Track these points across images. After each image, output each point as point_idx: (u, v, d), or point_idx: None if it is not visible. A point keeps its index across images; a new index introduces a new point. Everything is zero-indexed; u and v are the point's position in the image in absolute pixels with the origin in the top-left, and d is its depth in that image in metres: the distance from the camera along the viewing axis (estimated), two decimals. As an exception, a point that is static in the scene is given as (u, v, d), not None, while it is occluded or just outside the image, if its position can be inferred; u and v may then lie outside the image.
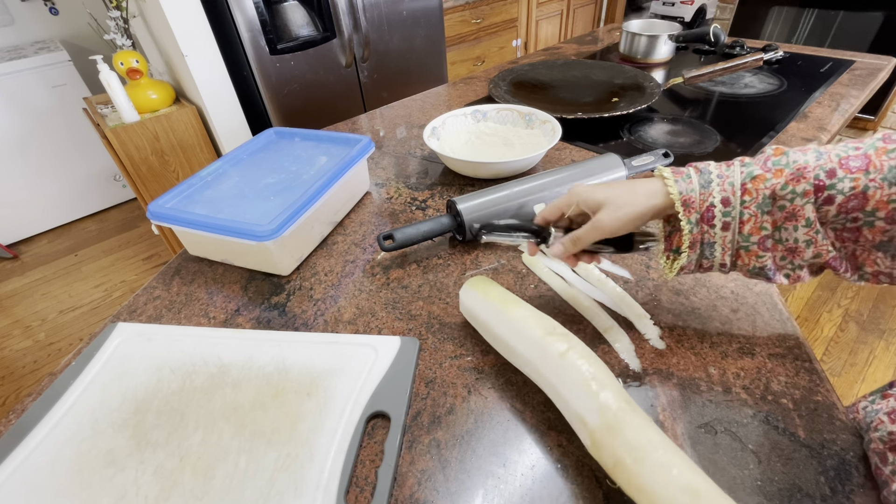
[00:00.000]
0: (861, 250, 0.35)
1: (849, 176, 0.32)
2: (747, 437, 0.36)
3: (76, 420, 0.40)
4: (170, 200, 0.58)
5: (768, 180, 0.35)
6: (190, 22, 1.30)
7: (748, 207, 0.36)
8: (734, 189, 0.36)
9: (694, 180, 0.37)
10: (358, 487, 0.35)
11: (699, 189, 0.37)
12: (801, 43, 1.93)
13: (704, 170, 0.37)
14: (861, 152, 0.33)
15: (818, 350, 1.38)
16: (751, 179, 0.35)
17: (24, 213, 2.08)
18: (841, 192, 0.33)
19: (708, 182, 0.36)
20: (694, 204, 0.37)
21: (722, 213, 0.36)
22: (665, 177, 0.38)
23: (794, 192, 0.34)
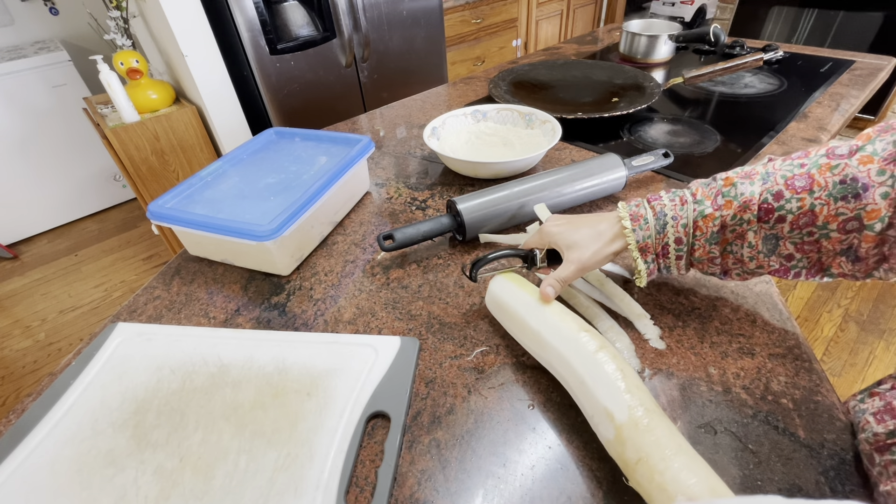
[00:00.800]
0: (826, 257, 0.36)
1: (795, 196, 0.35)
2: (747, 437, 0.36)
3: (76, 420, 0.40)
4: (170, 200, 0.58)
5: (717, 218, 0.39)
6: (190, 22, 1.30)
7: (698, 240, 0.40)
8: (686, 229, 0.40)
9: (651, 225, 0.41)
10: (358, 487, 0.35)
11: (655, 234, 0.41)
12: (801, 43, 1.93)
13: (660, 213, 0.41)
14: (805, 170, 0.35)
15: (818, 350, 1.38)
16: (702, 218, 0.39)
17: (24, 213, 2.08)
18: (790, 211, 0.35)
19: (663, 226, 0.41)
20: (650, 249, 0.41)
21: (675, 249, 0.41)
22: (624, 226, 0.42)
23: (741, 220, 0.38)
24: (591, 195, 0.63)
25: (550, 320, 0.41)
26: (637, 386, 0.34)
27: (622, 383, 0.34)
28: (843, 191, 0.33)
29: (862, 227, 0.33)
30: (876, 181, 0.32)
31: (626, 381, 0.34)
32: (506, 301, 0.45)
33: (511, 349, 0.45)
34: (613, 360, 0.36)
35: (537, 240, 0.48)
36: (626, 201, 0.44)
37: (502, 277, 0.47)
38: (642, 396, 0.33)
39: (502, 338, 0.46)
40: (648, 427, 0.31)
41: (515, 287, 0.45)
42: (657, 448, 0.30)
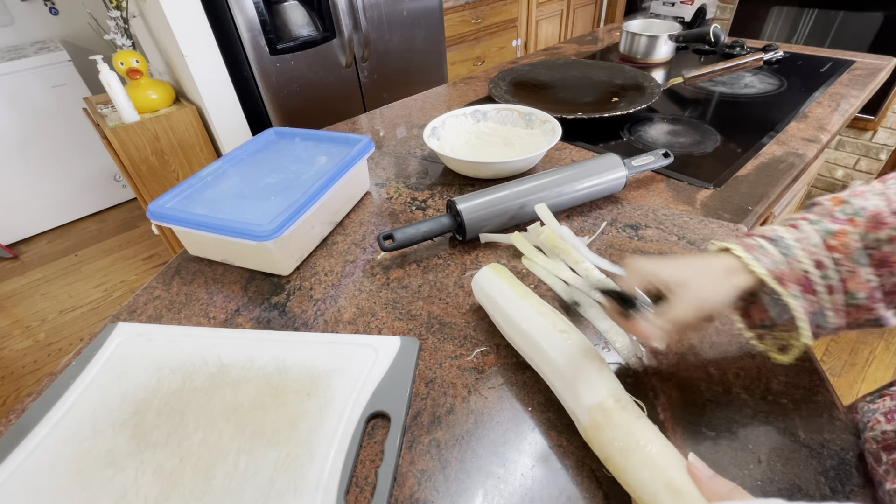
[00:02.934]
0: None
1: None
2: (747, 437, 0.36)
3: (76, 420, 0.40)
4: (170, 200, 0.58)
5: (851, 233, 0.31)
6: (190, 22, 1.30)
7: (843, 264, 0.31)
8: (820, 249, 0.32)
9: (769, 250, 0.33)
10: (358, 487, 0.35)
11: (784, 260, 0.32)
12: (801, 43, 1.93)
13: (776, 237, 0.33)
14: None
15: (818, 350, 1.38)
16: (831, 236, 0.32)
17: (24, 213, 2.08)
18: None
19: (787, 248, 0.32)
20: (788, 276, 0.32)
21: (820, 276, 0.32)
22: (738, 255, 0.33)
23: (878, 240, 0.31)
24: (591, 195, 0.63)
25: (524, 313, 0.41)
26: (598, 383, 0.34)
27: (585, 383, 0.35)
28: None
29: None
30: None
31: (587, 382, 0.35)
32: (491, 295, 0.45)
33: (511, 349, 0.45)
34: (576, 358, 0.36)
35: (635, 279, 0.37)
36: (618, 216, 0.38)
37: (487, 269, 0.47)
38: (606, 393, 0.34)
39: (502, 338, 0.46)
40: (605, 427, 0.32)
41: (498, 278, 0.46)
42: (617, 449, 0.31)
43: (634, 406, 0.33)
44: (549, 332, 0.39)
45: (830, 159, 1.99)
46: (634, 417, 0.32)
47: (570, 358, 0.37)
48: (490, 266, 0.48)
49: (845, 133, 1.92)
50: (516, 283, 0.45)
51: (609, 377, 0.35)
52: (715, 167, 0.72)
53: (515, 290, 0.44)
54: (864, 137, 1.89)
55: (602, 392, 0.34)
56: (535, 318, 0.41)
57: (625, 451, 0.30)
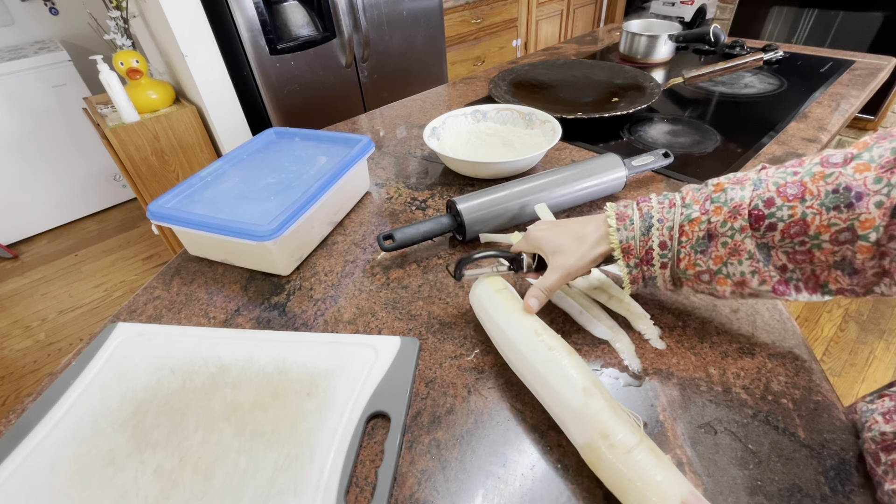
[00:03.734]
0: (820, 270, 0.35)
1: (786, 204, 0.34)
2: (747, 437, 0.36)
3: (76, 420, 0.40)
4: (170, 200, 0.58)
5: (703, 222, 0.37)
6: (190, 22, 1.30)
7: (684, 247, 0.38)
8: (672, 233, 0.39)
9: (636, 226, 0.40)
10: (358, 487, 0.35)
11: (639, 236, 0.40)
12: (801, 43, 1.93)
13: (647, 214, 0.40)
14: (798, 178, 0.34)
15: (818, 350, 1.38)
16: (688, 222, 0.38)
17: (24, 213, 2.08)
18: (781, 219, 0.34)
19: (648, 228, 0.39)
20: (633, 251, 0.40)
21: (659, 255, 0.40)
22: (609, 225, 0.41)
23: (732, 229, 0.36)
24: (591, 195, 0.63)
25: (518, 337, 0.40)
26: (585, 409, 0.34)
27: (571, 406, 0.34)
28: (836, 200, 0.32)
29: (856, 238, 0.31)
30: (871, 189, 0.30)
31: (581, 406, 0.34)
32: (485, 308, 0.44)
33: (511, 349, 0.45)
34: (565, 374, 0.35)
35: (524, 244, 0.46)
36: (617, 202, 0.43)
37: (487, 280, 0.46)
38: (596, 425, 0.33)
39: (502, 338, 0.46)
40: (599, 465, 0.32)
41: (495, 293, 0.44)
42: (615, 487, 0.31)
43: (628, 435, 0.31)
44: (534, 361, 0.38)
45: (830, 159, 1.99)
46: (624, 453, 0.31)
47: (555, 393, 0.35)
48: (488, 279, 0.46)
49: (845, 133, 1.92)
50: (506, 300, 0.43)
51: (598, 406, 0.33)
52: (715, 167, 0.72)
53: (503, 310, 0.42)
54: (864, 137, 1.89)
55: (590, 431, 0.32)
56: (521, 345, 0.39)
57: (620, 488, 0.31)
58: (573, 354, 0.37)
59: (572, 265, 0.41)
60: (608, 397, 0.34)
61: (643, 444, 0.31)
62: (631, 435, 0.31)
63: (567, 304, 0.48)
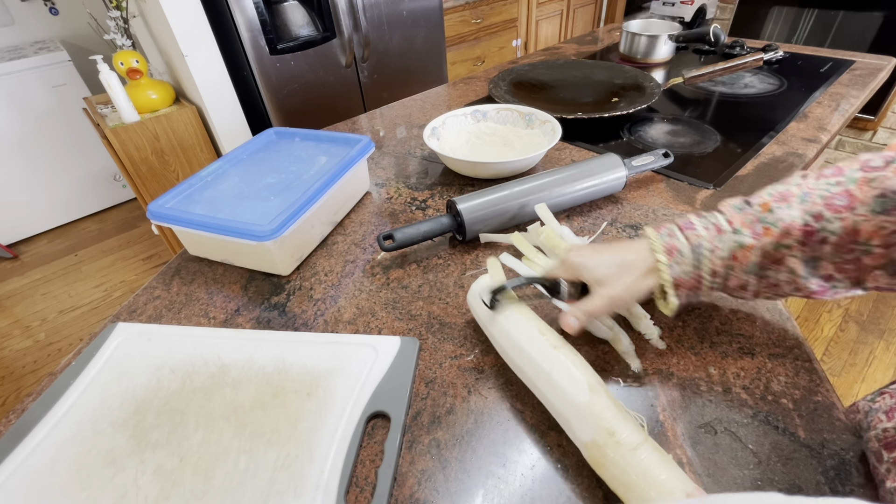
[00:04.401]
0: (864, 273, 0.34)
1: (837, 216, 0.33)
2: (747, 437, 0.36)
3: (76, 420, 0.40)
4: (170, 200, 0.58)
5: (756, 248, 0.36)
6: (190, 22, 1.30)
7: (735, 272, 0.38)
8: (724, 262, 0.38)
9: (686, 258, 0.38)
10: (358, 487, 0.35)
11: (692, 271, 0.39)
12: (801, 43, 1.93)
13: (696, 245, 0.38)
14: (842, 189, 0.34)
15: (818, 350, 1.38)
16: (740, 248, 0.37)
17: (24, 213, 2.08)
18: (833, 232, 0.33)
19: (699, 260, 0.38)
20: (685, 284, 0.39)
21: (709, 282, 0.39)
22: (659, 260, 0.39)
23: (781, 246, 0.35)
24: (591, 195, 0.63)
25: (520, 343, 0.39)
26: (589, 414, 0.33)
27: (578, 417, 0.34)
28: (884, 204, 0.31)
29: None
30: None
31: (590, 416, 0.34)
32: (487, 310, 0.43)
33: (511, 349, 0.45)
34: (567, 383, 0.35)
35: (562, 271, 0.43)
36: (657, 228, 0.41)
37: (484, 280, 0.45)
38: (601, 422, 0.33)
39: (502, 338, 0.46)
40: (604, 463, 0.32)
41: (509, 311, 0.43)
42: (620, 486, 0.31)
43: (632, 433, 0.32)
44: (538, 359, 0.37)
45: (830, 159, 1.99)
46: (629, 451, 0.31)
47: (560, 390, 0.35)
48: (480, 285, 0.45)
49: (845, 133, 1.92)
50: (508, 299, 0.43)
51: (602, 404, 0.33)
52: (715, 167, 0.72)
53: (506, 309, 0.42)
54: (864, 137, 1.89)
55: (595, 428, 0.32)
56: (524, 344, 0.39)
57: (623, 486, 0.31)
58: (577, 354, 0.38)
59: (619, 296, 0.39)
60: (612, 397, 0.35)
61: (648, 442, 0.31)
62: (636, 433, 0.32)
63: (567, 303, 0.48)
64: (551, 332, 0.40)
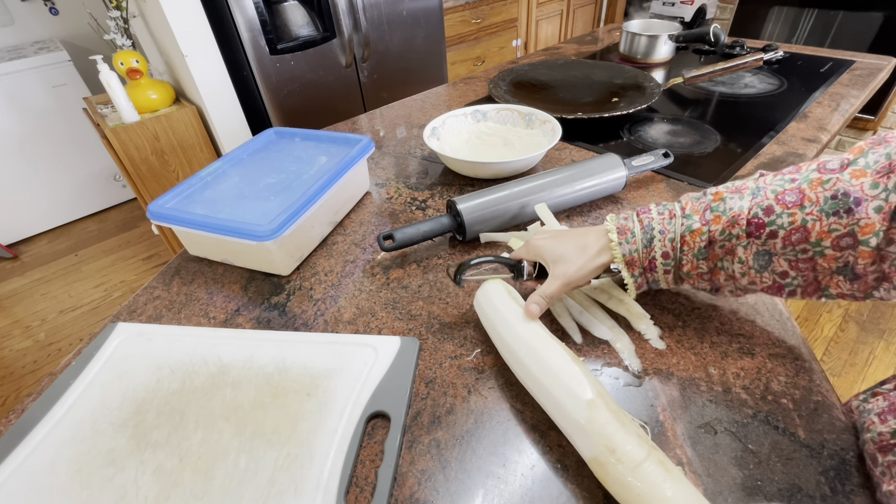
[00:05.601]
0: (822, 276, 0.35)
1: (786, 211, 0.34)
2: (747, 437, 0.36)
3: (76, 420, 0.40)
4: (170, 200, 0.58)
5: (704, 233, 0.38)
6: (190, 22, 1.30)
7: (686, 255, 0.40)
8: (674, 244, 0.40)
9: (637, 239, 0.41)
10: (358, 487, 0.35)
11: (642, 248, 0.41)
12: (801, 43, 1.93)
13: (648, 227, 0.41)
14: (796, 185, 0.34)
15: (818, 350, 1.38)
16: (689, 233, 0.39)
17: (24, 213, 2.08)
18: (781, 226, 0.34)
19: (650, 240, 0.40)
20: (636, 262, 0.41)
21: (662, 264, 0.41)
22: (611, 239, 0.42)
23: (729, 235, 0.37)
24: (591, 195, 0.63)
25: (528, 340, 0.40)
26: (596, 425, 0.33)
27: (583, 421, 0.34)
28: (835, 206, 0.32)
29: (856, 244, 0.31)
30: (869, 195, 0.31)
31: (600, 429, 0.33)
32: (489, 314, 0.44)
33: (511, 349, 0.45)
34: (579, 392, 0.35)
35: (524, 252, 0.47)
36: (617, 213, 0.43)
37: (491, 285, 0.45)
38: (602, 439, 0.32)
39: (502, 338, 0.46)
40: (606, 479, 0.32)
41: (499, 299, 0.44)
42: (623, 500, 0.31)
43: (635, 449, 0.31)
44: (537, 375, 0.37)
45: (830, 159, 1.99)
46: (632, 468, 0.30)
47: (559, 407, 0.35)
48: (492, 281, 0.46)
49: (845, 133, 1.92)
50: (509, 307, 0.43)
51: (602, 420, 0.33)
52: (715, 167, 0.72)
53: (506, 319, 0.42)
54: (864, 137, 1.89)
55: (596, 446, 0.32)
56: (524, 357, 0.39)
57: (628, 502, 0.30)
58: (576, 364, 0.37)
59: (573, 274, 0.42)
60: (614, 408, 0.34)
61: (651, 457, 0.30)
62: (639, 448, 0.31)
63: (567, 303, 0.48)
64: (552, 339, 0.39)
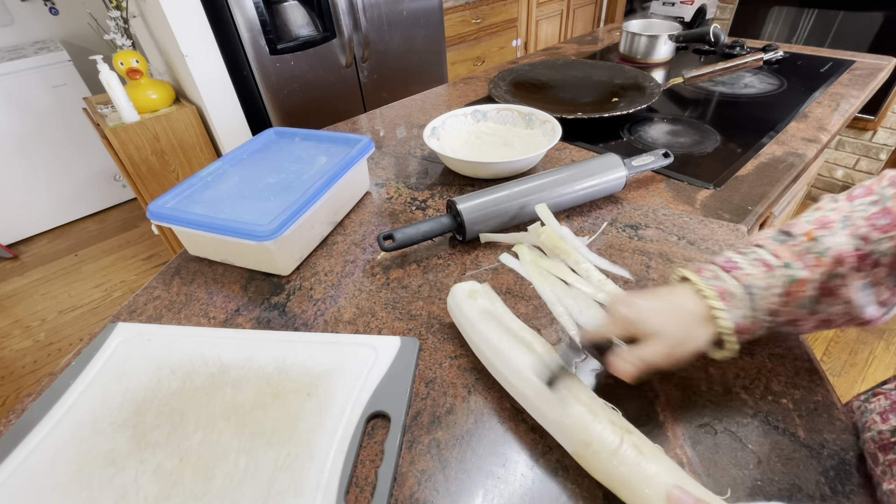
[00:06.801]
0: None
1: (885, 236, 0.32)
2: (747, 437, 0.36)
3: (76, 420, 0.40)
4: (170, 200, 0.58)
5: (812, 282, 0.34)
6: (190, 22, 1.30)
7: (788, 307, 0.35)
8: (779, 300, 0.35)
9: (741, 302, 0.35)
10: (358, 487, 0.35)
11: (750, 314, 0.35)
12: (801, 43, 1.93)
13: (748, 285, 0.35)
14: (881, 207, 0.33)
15: (818, 350, 1.38)
16: (793, 282, 0.34)
17: (24, 213, 2.08)
18: (884, 253, 0.32)
19: (754, 301, 0.35)
20: (744, 329, 0.36)
21: (766, 322, 0.36)
22: (713, 307, 0.35)
23: (834, 276, 0.33)
24: (591, 195, 0.63)
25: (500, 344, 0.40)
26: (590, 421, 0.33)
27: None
28: None
29: None
30: None
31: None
32: (460, 322, 0.44)
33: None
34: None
35: (615, 330, 0.38)
36: (696, 271, 0.38)
37: (457, 288, 0.46)
38: (577, 433, 0.33)
39: (502, 338, 0.46)
40: (589, 468, 0.33)
41: (466, 306, 0.44)
42: (608, 486, 0.32)
43: (609, 437, 0.32)
44: (512, 381, 0.38)
45: (830, 159, 1.99)
46: (609, 456, 0.31)
47: (535, 408, 0.36)
48: (454, 296, 0.46)
49: (845, 133, 1.92)
50: (475, 309, 0.43)
51: (575, 414, 0.33)
52: (715, 167, 0.72)
53: (474, 323, 0.42)
54: (864, 137, 1.89)
55: (573, 441, 0.33)
56: (498, 364, 0.39)
57: (614, 487, 0.32)
58: (537, 348, 0.38)
59: (678, 350, 0.35)
60: (586, 398, 0.34)
61: (626, 441, 0.31)
62: (612, 436, 0.32)
63: (567, 303, 0.48)
64: (514, 340, 0.40)
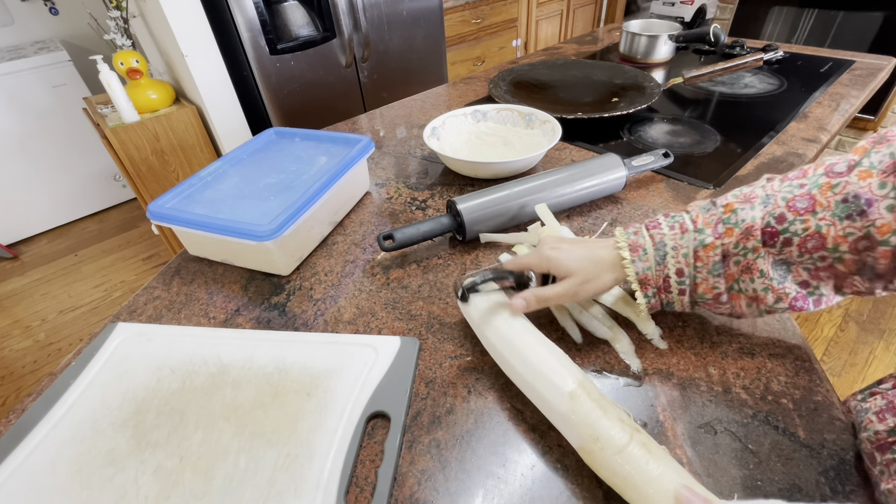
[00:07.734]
0: (840, 280, 0.35)
1: (798, 218, 0.34)
2: (747, 437, 0.36)
3: (76, 420, 0.40)
4: (170, 200, 0.58)
5: (718, 247, 0.37)
6: (190, 22, 1.30)
7: (700, 272, 0.38)
8: (688, 260, 0.38)
9: (650, 256, 0.39)
10: (358, 487, 0.35)
11: (655, 266, 0.39)
12: (801, 43, 1.93)
13: (660, 243, 0.39)
14: (806, 191, 0.34)
15: (818, 350, 1.38)
16: (702, 247, 0.38)
17: (24, 213, 2.08)
18: (795, 233, 0.34)
19: (663, 256, 0.39)
20: (650, 281, 0.40)
21: (677, 282, 0.39)
22: (623, 257, 0.40)
23: (745, 249, 0.36)
24: (591, 195, 0.63)
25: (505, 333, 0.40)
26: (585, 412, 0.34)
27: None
28: (847, 209, 0.32)
29: (875, 245, 0.31)
30: (878, 195, 0.30)
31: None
32: (471, 315, 0.44)
33: (511, 349, 0.45)
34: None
35: (534, 261, 0.43)
36: (625, 227, 0.42)
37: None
38: (586, 429, 0.33)
39: (502, 338, 0.46)
40: (594, 464, 0.33)
41: (480, 299, 0.44)
42: (612, 484, 0.32)
43: (618, 434, 0.32)
44: (521, 371, 0.38)
45: (830, 159, 1.99)
46: (616, 453, 0.31)
47: (544, 401, 0.36)
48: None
49: (845, 133, 1.92)
50: (491, 306, 0.43)
51: (584, 410, 0.33)
52: (715, 167, 0.72)
53: (488, 318, 0.42)
54: (864, 137, 1.89)
55: (580, 436, 0.33)
56: (507, 355, 0.39)
57: (618, 485, 0.32)
58: (554, 357, 0.37)
59: (582, 288, 0.40)
60: (596, 395, 0.34)
61: (634, 440, 0.31)
62: (622, 433, 0.32)
63: (567, 303, 0.48)
64: (531, 333, 0.40)
